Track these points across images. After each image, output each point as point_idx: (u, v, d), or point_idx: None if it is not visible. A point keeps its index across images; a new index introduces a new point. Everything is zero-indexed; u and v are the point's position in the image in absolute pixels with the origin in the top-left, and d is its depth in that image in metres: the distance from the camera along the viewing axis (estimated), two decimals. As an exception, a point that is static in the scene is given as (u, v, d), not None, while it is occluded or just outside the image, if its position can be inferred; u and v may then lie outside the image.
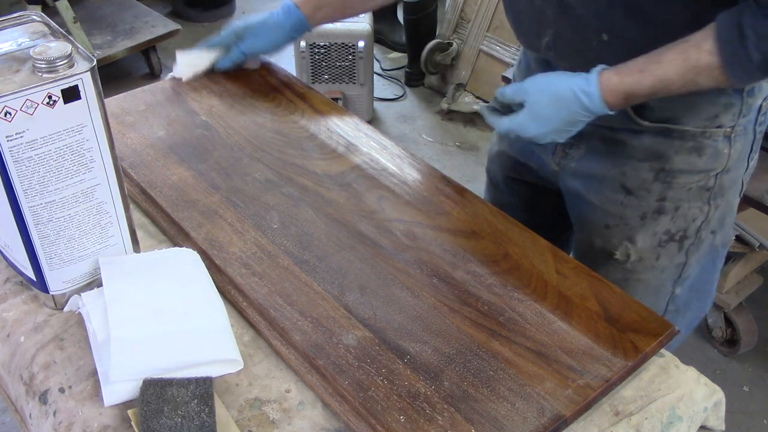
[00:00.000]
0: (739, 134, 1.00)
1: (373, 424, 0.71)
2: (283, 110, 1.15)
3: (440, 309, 0.83)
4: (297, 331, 0.80)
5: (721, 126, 0.99)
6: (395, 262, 0.89)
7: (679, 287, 1.11)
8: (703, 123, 0.98)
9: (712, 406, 0.81)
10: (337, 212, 0.96)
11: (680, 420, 0.77)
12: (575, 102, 0.92)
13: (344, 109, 1.18)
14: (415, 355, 0.78)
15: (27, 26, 0.80)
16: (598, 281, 0.87)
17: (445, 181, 1.03)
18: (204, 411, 0.71)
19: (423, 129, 2.88)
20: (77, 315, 0.83)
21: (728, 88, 0.96)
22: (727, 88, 0.95)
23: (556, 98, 0.94)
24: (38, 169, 0.74)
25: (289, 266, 0.88)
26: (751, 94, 0.98)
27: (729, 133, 1.00)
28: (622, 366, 0.77)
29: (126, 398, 0.75)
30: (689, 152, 1.00)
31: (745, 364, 1.97)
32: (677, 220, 1.05)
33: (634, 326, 0.82)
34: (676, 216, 1.05)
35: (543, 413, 0.73)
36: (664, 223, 1.05)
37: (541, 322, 0.82)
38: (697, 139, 0.99)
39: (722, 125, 0.99)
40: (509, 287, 0.86)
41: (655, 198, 1.04)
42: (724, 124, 0.99)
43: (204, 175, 1.01)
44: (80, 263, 0.83)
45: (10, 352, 0.83)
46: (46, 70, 0.71)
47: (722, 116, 0.98)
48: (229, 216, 0.95)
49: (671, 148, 1.00)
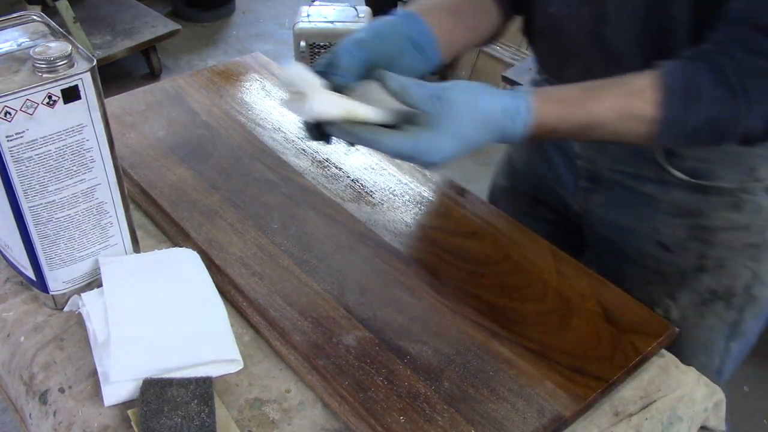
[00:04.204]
0: None
1: (373, 424, 0.71)
2: (283, 110, 1.15)
3: (440, 309, 0.83)
4: (297, 331, 0.80)
5: (759, 179, 0.89)
6: (395, 263, 0.89)
7: (734, 342, 1.02)
8: (739, 177, 0.89)
9: (712, 406, 0.81)
10: (337, 212, 0.96)
11: (680, 420, 0.77)
12: (498, 127, 0.74)
13: (344, 109, 1.18)
14: (415, 355, 0.78)
15: (27, 26, 0.80)
16: (598, 281, 0.87)
17: (445, 181, 1.03)
18: (204, 411, 0.71)
19: (423, 129, 2.88)
20: (77, 315, 0.83)
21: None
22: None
23: (482, 118, 0.74)
24: (38, 169, 0.74)
25: (289, 266, 0.88)
26: None
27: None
28: (622, 366, 0.77)
29: (126, 398, 0.74)
30: (727, 208, 0.91)
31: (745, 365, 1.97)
32: (721, 279, 0.95)
33: (635, 327, 0.82)
34: (721, 275, 0.95)
35: (543, 414, 0.73)
36: (706, 281, 0.95)
37: (541, 323, 0.82)
38: (735, 194, 0.90)
39: (760, 179, 0.89)
40: (509, 287, 0.86)
41: (695, 255, 0.94)
42: (762, 177, 0.89)
43: (204, 175, 1.01)
44: (80, 263, 0.83)
45: (10, 352, 0.83)
46: (46, 70, 0.71)
47: (760, 169, 0.89)
48: (229, 216, 0.95)
49: (706, 203, 0.91)
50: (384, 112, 0.75)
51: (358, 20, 2.67)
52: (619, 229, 0.99)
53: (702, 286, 0.96)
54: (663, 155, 0.90)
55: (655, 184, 0.93)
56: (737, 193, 0.90)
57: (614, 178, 0.96)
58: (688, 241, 0.94)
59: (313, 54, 2.64)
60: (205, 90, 1.20)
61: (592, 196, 1.00)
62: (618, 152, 0.94)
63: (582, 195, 1.02)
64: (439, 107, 0.73)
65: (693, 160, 0.89)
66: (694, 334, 0.99)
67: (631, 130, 0.77)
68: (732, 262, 0.94)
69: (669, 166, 0.90)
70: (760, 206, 0.91)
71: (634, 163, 0.93)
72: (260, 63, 1.28)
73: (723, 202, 0.91)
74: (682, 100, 0.75)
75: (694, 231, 0.93)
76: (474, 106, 0.74)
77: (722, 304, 0.97)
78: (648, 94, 0.75)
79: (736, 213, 0.91)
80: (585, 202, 1.02)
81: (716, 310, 0.97)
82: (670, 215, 0.94)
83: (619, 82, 0.77)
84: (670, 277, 0.97)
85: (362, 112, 0.74)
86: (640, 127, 0.76)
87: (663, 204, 0.93)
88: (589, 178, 1.00)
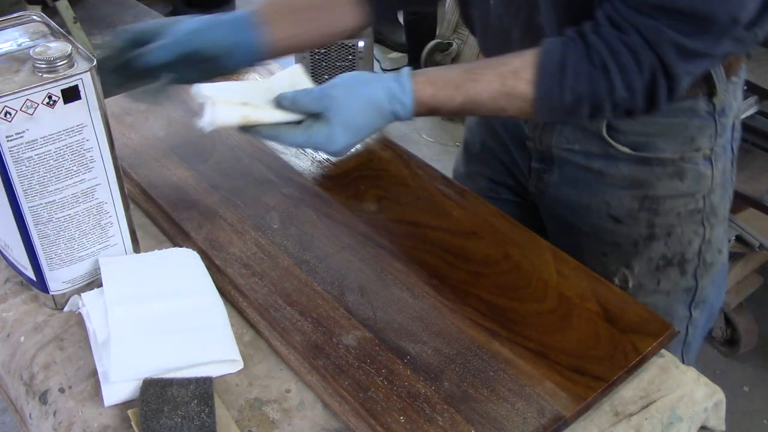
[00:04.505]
0: (719, 154, 0.98)
1: (373, 424, 0.71)
2: (283, 110, 1.15)
3: (440, 309, 0.83)
4: (297, 331, 0.80)
5: (699, 149, 0.96)
6: (395, 263, 0.89)
7: (697, 310, 1.07)
8: (680, 148, 0.96)
9: (712, 406, 0.81)
10: (337, 212, 0.96)
11: (680, 420, 0.77)
12: (388, 109, 0.85)
13: (344, 109, 1.18)
14: (415, 355, 0.78)
15: (27, 26, 0.80)
16: (599, 282, 0.87)
17: (445, 181, 1.03)
18: (204, 411, 0.71)
19: (423, 129, 2.88)
20: (77, 315, 0.83)
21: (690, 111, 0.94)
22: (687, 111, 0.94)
23: (369, 104, 0.84)
24: (38, 169, 0.74)
25: (289, 266, 0.88)
26: (722, 114, 0.96)
27: (709, 155, 0.97)
28: (622, 366, 0.77)
29: (126, 398, 0.74)
30: (670, 177, 0.97)
31: (745, 364, 1.97)
32: (672, 245, 1.02)
33: (634, 327, 0.82)
34: (670, 241, 1.01)
35: (543, 414, 0.73)
36: (657, 248, 1.02)
37: (541, 323, 0.82)
38: (677, 164, 0.97)
39: (700, 148, 0.96)
40: (509, 287, 0.86)
41: (645, 225, 1.00)
42: (701, 146, 0.96)
43: (204, 175, 1.01)
44: (80, 263, 0.83)
45: (10, 352, 0.83)
46: (46, 70, 0.71)
47: (699, 139, 0.96)
48: (229, 216, 0.95)
49: (651, 174, 0.97)
50: (283, 114, 0.86)
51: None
52: (572, 205, 1.04)
53: (654, 253, 1.02)
54: (606, 131, 0.96)
55: (602, 159, 0.98)
56: (679, 163, 0.96)
57: (564, 156, 1.01)
58: (637, 211, 1.00)
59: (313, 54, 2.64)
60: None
61: (545, 176, 1.05)
62: (566, 132, 1.00)
63: (536, 176, 1.07)
64: (326, 105, 0.85)
65: (635, 134, 0.95)
66: (653, 301, 1.04)
67: (510, 106, 0.84)
68: (680, 229, 1.00)
69: (613, 141, 0.96)
70: (700, 174, 0.98)
71: (581, 141, 0.98)
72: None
73: (666, 172, 0.97)
74: (555, 77, 0.81)
75: (642, 201, 0.99)
76: (358, 96, 0.85)
77: (676, 270, 1.03)
78: (524, 73, 0.82)
79: (679, 181, 0.98)
80: (539, 182, 1.07)
81: (671, 276, 1.03)
82: (618, 188, 0.99)
83: (500, 62, 0.85)
84: (624, 247, 1.02)
85: (258, 117, 0.86)
86: (518, 104, 0.84)
87: (611, 178, 0.99)
88: (540, 158, 1.05)
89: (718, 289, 1.10)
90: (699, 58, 0.80)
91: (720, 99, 0.94)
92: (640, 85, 0.80)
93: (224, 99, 0.85)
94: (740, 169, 1.71)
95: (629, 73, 0.80)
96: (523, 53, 0.84)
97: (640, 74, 0.80)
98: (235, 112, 0.85)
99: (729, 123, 0.98)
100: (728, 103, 0.96)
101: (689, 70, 0.80)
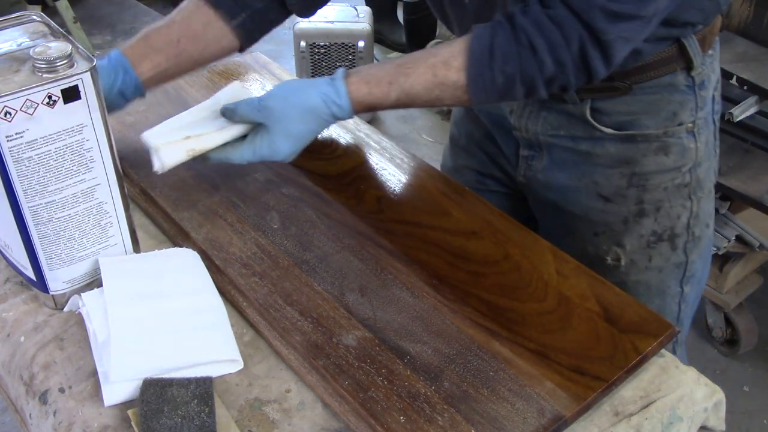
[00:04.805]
0: (701, 127, 1.00)
1: (373, 424, 0.71)
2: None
3: (440, 309, 0.83)
4: (297, 331, 0.80)
5: (681, 123, 0.98)
6: (395, 263, 0.89)
7: (688, 285, 1.10)
8: (663, 123, 0.98)
9: (712, 406, 0.81)
10: (337, 212, 0.96)
11: (680, 420, 0.77)
12: (326, 112, 0.89)
13: (344, 109, 1.18)
14: (415, 355, 0.78)
15: (27, 26, 0.80)
16: (598, 281, 0.87)
17: (445, 181, 1.03)
18: (204, 411, 0.71)
19: (423, 129, 2.88)
20: (77, 315, 0.83)
21: (670, 86, 0.96)
22: (667, 86, 0.96)
23: (307, 111, 0.89)
24: (38, 169, 0.74)
25: (289, 266, 0.88)
26: (702, 87, 0.98)
27: (691, 129, 0.99)
28: (622, 366, 0.77)
29: (126, 398, 0.74)
30: (656, 153, 0.99)
31: (745, 364, 1.97)
32: (661, 220, 1.04)
33: (635, 327, 0.82)
34: (659, 216, 1.04)
35: (543, 414, 0.73)
36: (647, 224, 1.04)
37: (541, 323, 0.82)
38: (661, 139, 0.99)
39: (683, 122, 0.98)
40: (509, 287, 0.86)
41: (634, 202, 1.03)
42: (684, 120, 0.98)
43: (204, 175, 1.01)
44: (80, 263, 0.83)
45: (10, 352, 0.83)
46: (46, 70, 0.71)
47: (681, 113, 0.98)
48: (229, 216, 0.95)
49: (637, 152, 0.99)
50: (224, 134, 0.91)
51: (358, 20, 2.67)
52: (562, 189, 1.05)
53: (644, 229, 1.04)
54: (590, 114, 0.98)
55: (588, 141, 1.00)
56: (663, 138, 0.98)
57: (551, 142, 1.03)
58: (625, 189, 1.02)
59: (313, 54, 2.64)
60: (205, 90, 1.20)
61: (533, 163, 1.07)
62: (550, 118, 1.02)
63: (524, 163, 1.08)
64: (265, 115, 0.89)
65: (618, 114, 0.97)
66: (646, 278, 1.07)
67: (445, 95, 0.87)
68: (668, 203, 1.02)
69: (597, 123, 0.98)
70: (685, 147, 1.00)
71: (566, 126, 1.00)
72: (260, 63, 1.29)
73: (651, 148, 0.99)
74: (484, 61, 0.84)
75: (630, 179, 1.01)
76: (294, 105, 0.88)
77: (666, 245, 1.05)
78: (454, 61, 0.85)
79: (665, 156, 0.99)
80: (528, 169, 1.08)
81: (662, 251, 1.05)
82: (606, 167, 1.01)
83: (430, 54, 0.87)
84: (614, 225, 1.04)
85: (203, 146, 0.91)
86: (452, 92, 0.86)
87: (598, 158, 1.01)
88: (529, 146, 1.07)
89: (705, 263, 1.13)
90: (629, 21, 0.81)
91: (698, 72, 0.97)
92: (568, 59, 0.82)
93: (166, 141, 0.90)
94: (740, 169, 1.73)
95: (556, 47, 0.81)
96: (453, 42, 0.87)
97: (567, 48, 0.81)
98: (179, 149, 0.90)
99: (709, 96, 1.00)
100: (707, 76, 0.98)
101: (621, 34, 0.81)
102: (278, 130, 0.89)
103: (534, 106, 1.02)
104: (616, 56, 0.83)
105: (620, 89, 0.95)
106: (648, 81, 0.95)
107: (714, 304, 1.95)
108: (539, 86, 0.84)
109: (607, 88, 0.96)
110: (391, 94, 0.88)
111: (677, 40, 0.93)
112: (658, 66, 0.94)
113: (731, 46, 1.77)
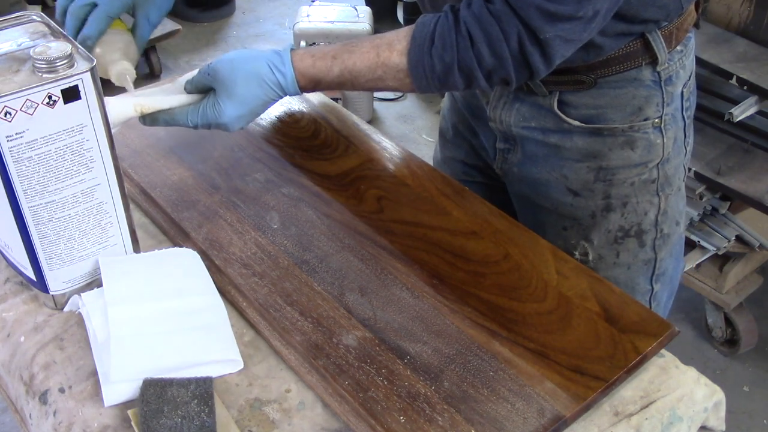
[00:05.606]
0: (668, 123, 1.00)
1: (373, 424, 0.71)
2: (284, 111, 1.15)
3: (440, 309, 0.83)
4: (297, 331, 0.80)
5: (647, 118, 0.99)
6: (395, 262, 0.89)
7: (658, 283, 1.11)
8: (629, 117, 0.98)
9: (712, 406, 0.81)
10: (337, 212, 0.96)
11: (680, 420, 0.77)
12: (271, 79, 0.90)
13: (344, 109, 1.18)
14: (415, 355, 0.78)
15: (27, 26, 0.80)
16: (598, 281, 0.87)
17: (445, 181, 1.03)
18: (204, 411, 0.71)
19: (423, 129, 2.88)
20: (77, 315, 0.83)
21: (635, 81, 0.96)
22: (633, 81, 0.96)
23: (251, 75, 0.90)
24: (38, 169, 0.74)
25: (289, 266, 0.88)
26: (669, 83, 0.98)
27: (658, 124, 0.99)
28: (622, 366, 0.77)
29: (126, 398, 0.75)
30: (622, 147, 1.00)
31: (745, 364, 1.97)
32: (628, 216, 1.04)
33: (634, 327, 0.82)
34: (626, 211, 1.04)
35: (543, 414, 0.73)
36: (614, 219, 1.04)
37: (541, 323, 0.82)
38: (627, 133, 0.99)
39: (649, 117, 0.99)
40: (509, 287, 0.86)
41: (601, 196, 1.03)
42: (650, 116, 0.99)
43: (204, 175, 1.01)
44: (80, 263, 0.83)
45: (10, 352, 0.83)
46: (46, 70, 0.71)
47: (646, 108, 0.98)
48: (229, 216, 0.95)
49: (604, 145, 1.00)
50: (175, 99, 0.93)
51: (358, 20, 2.67)
52: (534, 182, 1.07)
53: (612, 224, 1.05)
54: (558, 106, 0.99)
55: (557, 134, 1.01)
56: (629, 132, 0.99)
57: (524, 134, 1.04)
58: (593, 183, 1.03)
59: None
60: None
61: (509, 156, 1.09)
62: (523, 110, 1.03)
63: (501, 156, 1.10)
64: (213, 77, 0.91)
65: (585, 107, 0.98)
66: (614, 274, 1.07)
67: (386, 77, 0.89)
68: (635, 199, 1.03)
69: (564, 115, 0.99)
70: (651, 143, 1.00)
71: (537, 118, 1.01)
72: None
73: (617, 142, 1.00)
74: (425, 47, 0.85)
75: (597, 173, 1.02)
76: (240, 68, 0.90)
77: (634, 241, 1.06)
78: (398, 44, 0.87)
79: (631, 151, 1.00)
80: (504, 162, 1.10)
81: (629, 247, 1.06)
82: (574, 161, 1.02)
83: (377, 36, 0.90)
84: (582, 220, 1.05)
85: (151, 104, 0.92)
86: (394, 74, 0.88)
87: (567, 151, 1.02)
88: (504, 138, 1.08)
89: (677, 261, 1.13)
90: (567, 21, 0.81)
91: (665, 68, 0.97)
92: (507, 54, 0.83)
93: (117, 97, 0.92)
94: (740, 169, 1.73)
95: (494, 41, 0.82)
96: (400, 29, 0.89)
97: (505, 43, 0.82)
98: (128, 103, 0.91)
99: (677, 92, 1.00)
100: (675, 72, 0.99)
101: (559, 33, 0.82)
102: (222, 92, 0.91)
103: (508, 97, 1.03)
104: (555, 55, 0.83)
105: (586, 82, 0.96)
106: (613, 75, 0.96)
107: (714, 304, 1.95)
108: (478, 77, 0.85)
109: (573, 81, 0.97)
110: (334, 68, 0.90)
111: (642, 35, 0.94)
112: (623, 60, 0.95)
113: (731, 46, 1.77)
